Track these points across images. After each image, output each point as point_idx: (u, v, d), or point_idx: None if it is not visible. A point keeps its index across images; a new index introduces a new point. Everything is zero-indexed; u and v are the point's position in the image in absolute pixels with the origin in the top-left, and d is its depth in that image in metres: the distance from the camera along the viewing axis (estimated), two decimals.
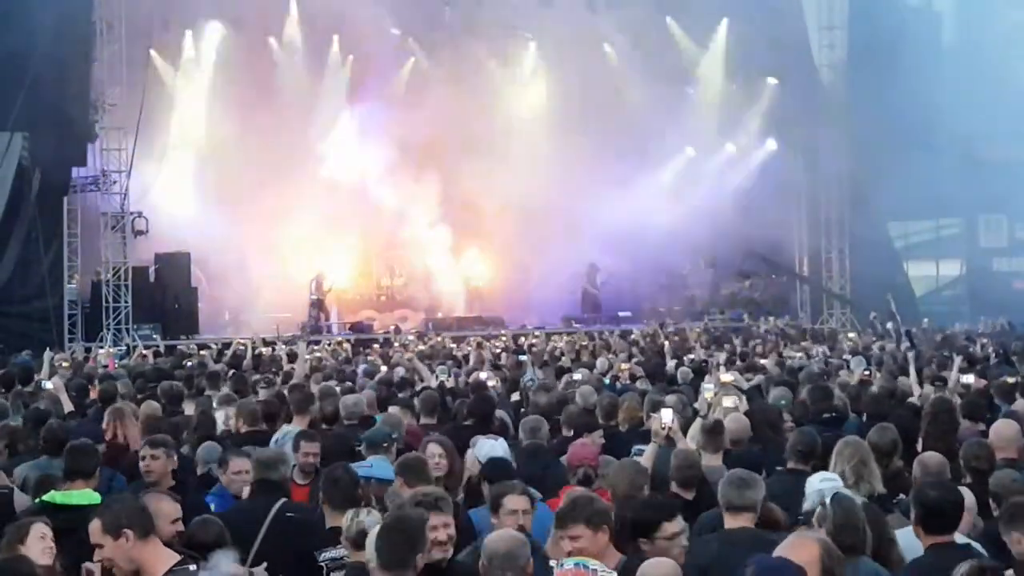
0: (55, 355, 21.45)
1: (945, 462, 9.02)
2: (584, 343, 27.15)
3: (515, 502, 7.90)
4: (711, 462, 10.20)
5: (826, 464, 9.20)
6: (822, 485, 7.67)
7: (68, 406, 14.09)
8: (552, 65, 39.25)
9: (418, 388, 16.13)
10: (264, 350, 25.44)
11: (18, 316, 31.45)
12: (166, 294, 34.03)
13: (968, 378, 15.15)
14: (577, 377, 17.12)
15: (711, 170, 40.88)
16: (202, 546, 7.44)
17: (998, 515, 7.52)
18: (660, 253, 38.20)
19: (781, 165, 40.55)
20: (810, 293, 42.63)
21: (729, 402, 12.39)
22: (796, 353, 23.53)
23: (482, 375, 17.12)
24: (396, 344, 29.59)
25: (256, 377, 18.44)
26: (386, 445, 10.26)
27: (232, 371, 19.68)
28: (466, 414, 13.41)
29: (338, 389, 14.93)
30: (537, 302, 39.24)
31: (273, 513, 8.64)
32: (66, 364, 21.44)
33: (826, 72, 41.24)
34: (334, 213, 36.82)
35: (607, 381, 17.37)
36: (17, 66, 29.59)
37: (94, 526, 6.54)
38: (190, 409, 14.05)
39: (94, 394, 15.88)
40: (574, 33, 38.95)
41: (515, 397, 16.74)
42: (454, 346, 28.16)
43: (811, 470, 9.17)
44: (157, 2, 34.50)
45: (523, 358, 21.49)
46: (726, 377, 15.29)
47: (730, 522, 7.79)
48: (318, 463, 10.40)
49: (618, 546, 7.22)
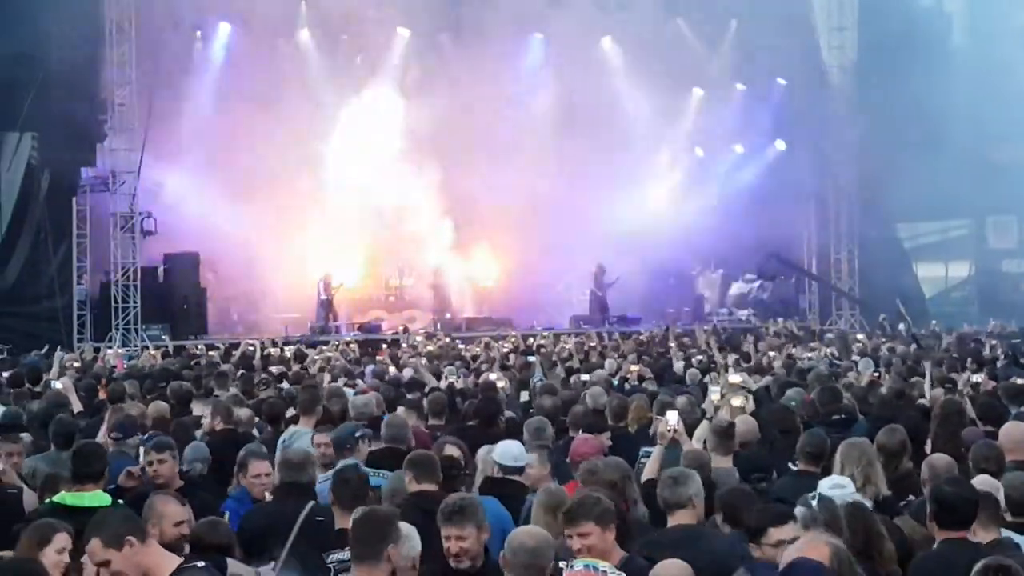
0: (64, 355, 21.50)
1: (954, 464, 9.00)
2: (593, 344, 27.14)
3: None
4: (721, 464, 10.12)
5: (830, 465, 9.18)
6: (832, 492, 7.65)
7: (77, 406, 14.12)
8: (561, 65, 39.21)
9: (427, 389, 16.11)
10: (272, 350, 25.44)
11: (27, 316, 31.52)
12: (175, 294, 34.10)
13: (977, 377, 15.13)
14: (585, 378, 17.12)
15: (720, 171, 40.87)
16: (210, 548, 7.44)
17: None
18: (669, 254, 38.20)
19: (790, 166, 40.50)
20: (819, 294, 42.51)
21: (737, 402, 12.35)
22: (807, 354, 23.51)
23: (492, 376, 17.09)
24: (405, 345, 29.57)
25: (262, 376, 18.48)
26: (349, 447, 10.12)
27: (241, 371, 19.70)
28: (471, 414, 13.40)
29: (347, 390, 14.95)
30: (545, 303, 39.26)
31: (304, 516, 8.51)
32: (77, 364, 21.44)
33: (835, 73, 41.16)
34: (342, 213, 36.83)
35: (615, 382, 17.35)
36: (26, 67, 29.65)
37: (94, 546, 6.47)
38: (199, 410, 14.05)
39: (103, 394, 15.90)
40: (583, 33, 38.98)
41: (524, 397, 16.74)
42: (463, 346, 28.14)
43: (820, 471, 9.17)
44: (166, 3, 34.51)
45: (532, 359, 21.47)
46: (734, 378, 15.24)
47: (670, 520, 7.96)
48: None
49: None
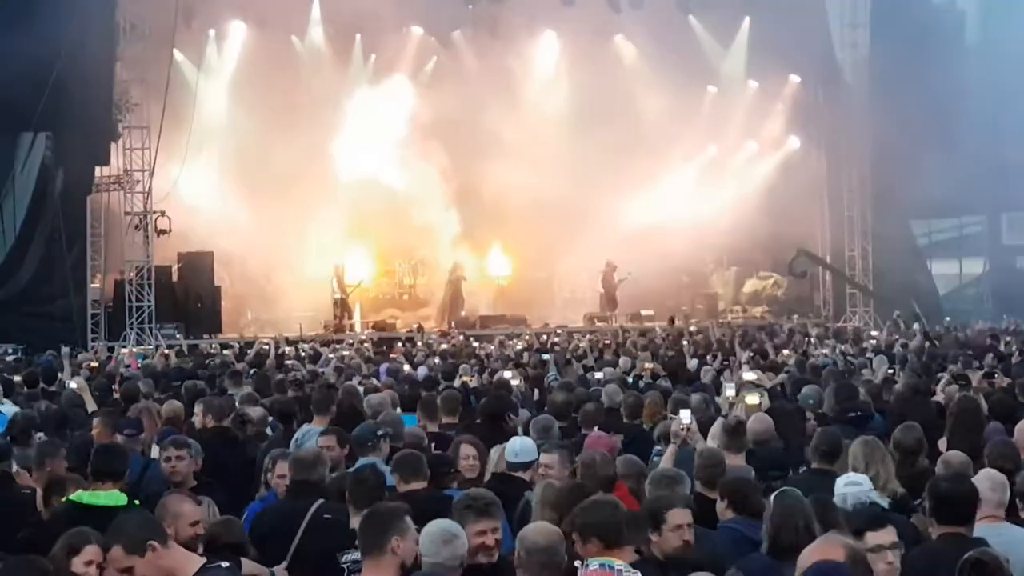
0: (71, 352, 21.54)
1: (969, 461, 8.97)
2: (607, 342, 27.11)
3: None
4: (734, 462, 9.99)
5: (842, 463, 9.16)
6: (846, 489, 7.63)
7: (92, 405, 14.15)
8: (574, 63, 39.14)
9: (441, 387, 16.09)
10: (287, 349, 25.46)
11: (41, 315, 31.57)
12: (189, 293, 34.15)
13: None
14: (599, 376, 17.10)
15: (733, 168, 40.77)
16: (225, 547, 7.44)
17: None
18: (682, 251, 38.16)
19: (804, 163, 40.48)
20: (833, 290, 42.41)
21: (752, 399, 12.32)
22: (822, 351, 23.46)
23: (506, 374, 17.07)
24: (419, 343, 29.57)
25: (279, 376, 18.45)
26: (371, 444, 10.10)
27: (254, 370, 19.73)
28: (478, 412, 13.40)
29: (361, 389, 14.95)
30: (559, 300, 39.26)
31: (310, 515, 8.55)
32: (95, 364, 21.44)
33: (849, 70, 41.08)
34: (356, 211, 36.84)
35: (630, 380, 17.33)
36: (40, 66, 29.64)
37: (115, 554, 6.45)
38: None
39: (117, 394, 15.93)
40: (596, 31, 38.97)
41: (538, 396, 16.73)
42: (477, 344, 28.13)
43: (836, 470, 9.14)
44: (180, 2, 34.53)
45: (546, 357, 21.46)
46: (749, 376, 15.22)
47: None
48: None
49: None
